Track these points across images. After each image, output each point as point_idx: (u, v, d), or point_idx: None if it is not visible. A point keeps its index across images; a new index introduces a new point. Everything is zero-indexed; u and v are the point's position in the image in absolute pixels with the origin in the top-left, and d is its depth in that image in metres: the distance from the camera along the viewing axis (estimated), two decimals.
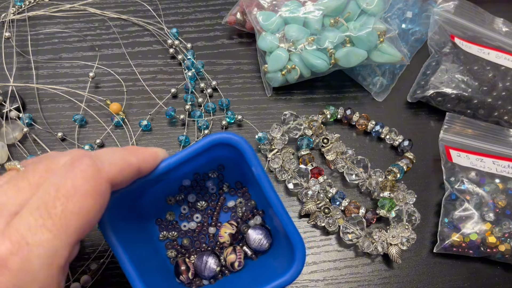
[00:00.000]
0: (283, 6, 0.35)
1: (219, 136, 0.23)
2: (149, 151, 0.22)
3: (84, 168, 0.18)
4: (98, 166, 0.19)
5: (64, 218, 0.17)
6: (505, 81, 0.38)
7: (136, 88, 0.37)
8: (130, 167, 0.21)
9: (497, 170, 0.35)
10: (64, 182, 0.18)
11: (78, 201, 0.18)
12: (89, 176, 0.18)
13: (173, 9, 0.41)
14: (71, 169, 0.18)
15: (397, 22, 0.41)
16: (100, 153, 0.20)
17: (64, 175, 0.18)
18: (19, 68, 0.37)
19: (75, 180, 0.18)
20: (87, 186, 0.18)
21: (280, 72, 0.36)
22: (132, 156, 0.21)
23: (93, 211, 0.18)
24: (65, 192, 0.17)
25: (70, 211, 0.17)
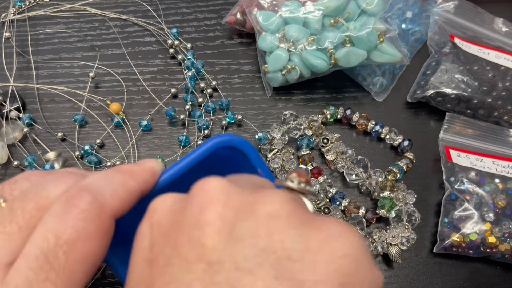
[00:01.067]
0: (283, 6, 0.35)
1: (221, 140, 0.21)
2: (146, 169, 0.20)
3: (86, 206, 0.16)
4: (100, 202, 0.16)
5: (68, 268, 0.15)
6: (505, 81, 0.38)
7: (136, 88, 0.37)
8: (132, 193, 0.18)
9: (497, 170, 0.35)
10: (64, 227, 0.15)
11: (82, 246, 0.15)
12: (92, 216, 0.16)
13: (173, 9, 0.41)
14: (70, 209, 0.16)
15: (397, 22, 0.41)
16: (97, 183, 0.17)
17: (62, 217, 0.15)
18: (19, 68, 0.37)
19: (77, 223, 0.15)
20: (91, 229, 0.16)
21: (280, 72, 0.36)
22: (131, 180, 0.18)
23: (99, 252, 0.16)
24: (67, 239, 0.15)
25: (74, 259, 0.15)
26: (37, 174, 0.19)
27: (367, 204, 0.35)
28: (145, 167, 0.20)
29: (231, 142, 0.22)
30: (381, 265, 0.33)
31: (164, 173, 0.21)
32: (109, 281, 0.31)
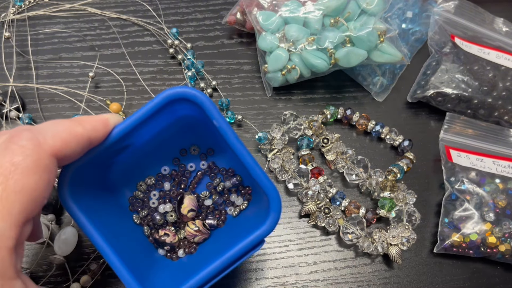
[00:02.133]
0: (283, 6, 0.35)
1: (173, 92, 0.21)
2: (97, 118, 0.21)
3: (23, 143, 0.17)
4: (39, 140, 0.18)
5: (5, 198, 0.16)
6: (505, 81, 0.38)
7: (136, 88, 0.37)
8: (77, 137, 0.19)
9: (497, 170, 0.35)
10: (1, 160, 0.16)
11: (19, 178, 0.16)
12: (28, 151, 0.17)
13: (173, 9, 0.41)
14: (9, 145, 0.17)
15: (397, 22, 0.41)
16: (41, 126, 0.19)
17: (1, 153, 0.17)
18: (19, 68, 0.37)
19: (14, 156, 0.17)
20: (27, 162, 0.17)
21: (280, 72, 0.36)
22: (78, 126, 0.20)
23: (38, 187, 0.17)
24: (3, 171, 0.16)
25: (11, 190, 0.16)
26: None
27: (367, 204, 0.35)
28: (97, 117, 0.21)
29: (183, 93, 0.22)
30: (382, 265, 0.33)
31: (118, 125, 0.22)
32: (109, 281, 0.31)
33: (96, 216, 0.22)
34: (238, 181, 0.29)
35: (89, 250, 0.31)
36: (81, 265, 0.30)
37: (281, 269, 0.32)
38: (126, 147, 0.24)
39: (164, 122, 0.24)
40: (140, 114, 0.22)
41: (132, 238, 0.27)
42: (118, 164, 0.26)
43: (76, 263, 0.31)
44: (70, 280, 0.30)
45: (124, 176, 0.28)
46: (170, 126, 0.25)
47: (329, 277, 0.32)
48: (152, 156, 0.28)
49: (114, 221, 0.25)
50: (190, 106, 0.22)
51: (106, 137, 0.21)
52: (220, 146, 0.29)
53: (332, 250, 0.33)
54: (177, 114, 0.23)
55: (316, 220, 0.33)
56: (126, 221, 0.28)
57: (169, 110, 0.22)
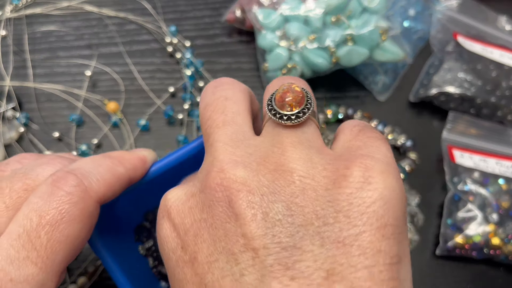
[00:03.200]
0: (284, 4, 0.35)
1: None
2: (137, 157, 0.20)
3: (70, 189, 0.16)
4: (85, 185, 0.17)
5: (50, 249, 0.15)
6: (509, 80, 0.37)
7: (134, 87, 0.37)
8: (120, 179, 0.19)
9: (500, 171, 0.34)
10: (47, 207, 0.16)
11: (64, 228, 0.16)
12: (76, 199, 0.16)
13: (172, 7, 0.41)
14: (55, 191, 0.16)
15: (400, 20, 0.40)
16: (84, 167, 0.18)
17: (47, 198, 0.16)
18: (16, 67, 0.37)
19: (61, 205, 0.16)
20: (74, 211, 0.16)
21: (280, 71, 0.35)
22: (119, 166, 0.19)
23: (81, 236, 0.17)
24: (50, 219, 0.16)
25: (56, 240, 0.16)
26: (29, 157, 0.20)
27: None
28: (135, 155, 0.20)
29: None
30: None
31: (156, 164, 0.21)
32: (107, 283, 0.30)
33: (113, 251, 0.22)
34: None
35: (86, 252, 0.31)
36: (79, 266, 0.30)
37: None
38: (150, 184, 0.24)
39: (190, 161, 0.23)
40: (178, 156, 0.21)
41: (138, 268, 0.26)
42: (130, 195, 0.26)
43: (74, 265, 0.30)
44: (68, 282, 0.29)
45: (134, 206, 0.27)
46: (189, 159, 0.25)
47: None
48: (166, 187, 0.28)
49: (124, 252, 0.25)
50: None
51: (143, 176, 0.21)
52: None
53: None
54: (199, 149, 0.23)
55: None
56: (132, 251, 0.27)
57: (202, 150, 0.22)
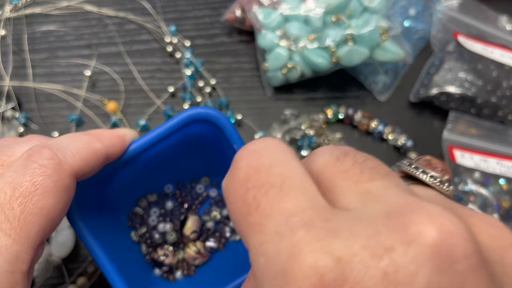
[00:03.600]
0: (284, 3, 0.35)
1: (195, 112, 0.21)
2: (116, 134, 0.20)
3: (44, 162, 0.16)
4: (59, 159, 0.17)
5: (23, 220, 0.15)
6: (510, 80, 0.37)
7: (134, 87, 0.37)
8: (96, 155, 0.19)
9: (501, 171, 0.34)
10: (21, 180, 0.16)
11: (38, 200, 0.16)
12: (50, 171, 0.16)
13: (171, 6, 0.41)
14: (29, 164, 0.16)
15: (400, 20, 0.40)
16: (60, 142, 0.18)
17: (21, 171, 0.16)
18: (15, 67, 0.37)
19: (34, 177, 0.16)
20: (48, 183, 0.16)
21: (280, 71, 0.35)
22: (97, 142, 0.19)
23: (56, 209, 0.17)
24: (23, 191, 0.16)
25: (30, 212, 0.16)
26: (10, 139, 0.20)
27: None
28: (114, 132, 0.20)
29: (206, 115, 0.21)
30: None
31: (135, 142, 0.21)
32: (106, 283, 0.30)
33: (98, 233, 0.22)
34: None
35: (86, 252, 0.31)
36: (78, 267, 0.30)
37: None
38: (132, 163, 0.24)
39: (172, 139, 0.23)
40: (158, 133, 0.21)
41: (130, 255, 0.26)
42: (119, 178, 0.26)
43: (73, 265, 0.30)
44: (67, 282, 0.29)
45: (124, 191, 0.27)
46: (179, 144, 0.24)
47: None
48: (156, 172, 0.27)
49: (113, 237, 0.25)
50: (206, 126, 0.22)
51: (122, 154, 0.21)
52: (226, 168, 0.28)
53: None
54: (188, 132, 0.22)
55: None
56: (124, 238, 0.27)
57: (183, 129, 0.22)
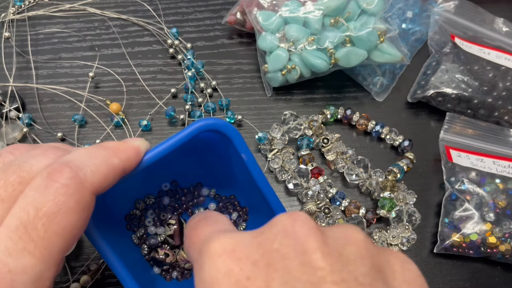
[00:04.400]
0: (283, 6, 0.35)
1: (206, 123, 0.22)
2: (131, 147, 0.20)
3: (66, 181, 0.16)
4: (80, 177, 0.17)
5: (47, 240, 0.16)
6: (506, 81, 0.38)
7: (136, 88, 0.37)
8: (115, 170, 0.19)
9: (497, 170, 0.35)
10: (44, 200, 0.16)
11: (61, 219, 0.16)
12: (71, 191, 0.16)
13: (173, 9, 0.41)
14: (51, 184, 0.16)
15: (397, 22, 0.41)
16: (79, 159, 0.18)
17: (43, 191, 0.16)
18: (19, 68, 0.37)
19: (57, 197, 0.16)
20: (70, 203, 0.16)
21: (280, 72, 0.36)
22: (114, 157, 0.19)
23: (78, 226, 0.17)
24: (46, 211, 0.16)
25: (53, 231, 0.16)
26: (22, 148, 0.20)
27: (368, 204, 0.35)
28: (130, 145, 0.20)
29: (216, 125, 0.22)
30: None
31: (148, 153, 0.21)
32: (109, 281, 0.31)
33: (109, 240, 0.22)
34: (243, 214, 0.29)
35: (89, 250, 0.31)
36: (81, 265, 0.30)
37: None
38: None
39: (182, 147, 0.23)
40: (170, 144, 0.21)
41: (132, 256, 0.27)
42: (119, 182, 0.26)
43: (76, 263, 0.30)
44: (70, 280, 0.30)
45: (123, 194, 0.28)
46: (182, 149, 0.25)
47: None
48: (155, 176, 0.28)
49: (116, 240, 0.25)
50: (216, 134, 0.22)
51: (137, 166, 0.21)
52: (227, 173, 0.28)
53: None
54: (195, 140, 0.23)
55: (316, 220, 0.33)
56: (124, 240, 0.28)
57: (193, 138, 0.22)
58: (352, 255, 0.15)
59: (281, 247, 0.15)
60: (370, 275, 0.14)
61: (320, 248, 0.15)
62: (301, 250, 0.15)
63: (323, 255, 0.15)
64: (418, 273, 0.16)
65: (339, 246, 0.15)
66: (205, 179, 0.30)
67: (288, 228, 0.16)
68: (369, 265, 0.15)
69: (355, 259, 0.15)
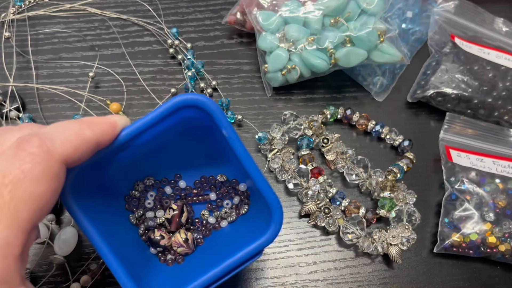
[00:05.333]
0: (283, 6, 0.35)
1: (183, 98, 0.21)
2: (107, 121, 0.20)
3: (33, 150, 0.17)
4: (48, 146, 0.17)
5: (13, 207, 0.16)
6: (505, 81, 0.38)
7: (136, 88, 0.37)
8: (86, 142, 0.19)
9: (497, 170, 0.35)
10: (10, 167, 0.16)
11: (27, 187, 0.16)
12: (38, 159, 0.17)
13: (173, 9, 0.41)
14: (18, 152, 0.17)
15: (397, 22, 0.41)
16: (50, 130, 0.18)
17: (10, 159, 0.17)
18: (19, 68, 0.37)
19: (23, 164, 0.16)
20: (36, 170, 0.17)
21: (280, 72, 0.36)
22: (87, 130, 0.19)
23: (46, 195, 0.17)
24: (12, 178, 0.16)
25: (19, 198, 0.16)
26: (4, 128, 0.20)
27: (367, 204, 0.35)
28: (105, 119, 0.20)
29: (194, 101, 0.22)
30: (381, 265, 0.33)
31: (127, 128, 0.21)
32: (109, 281, 0.31)
33: (96, 217, 0.22)
34: (244, 197, 0.29)
35: (89, 250, 0.31)
36: (81, 265, 0.30)
37: (281, 269, 0.32)
38: (125, 148, 0.24)
39: (166, 124, 0.23)
40: (149, 119, 0.21)
41: (127, 236, 0.27)
42: (115, 162, 0.26)
43: (76, 263, 0.31)
44: (70, 280, 0.30)
45: (121, 174, 0.28)
46: (172, 128, 0.25)
47: (329, 277, 0.32)
48: (152, 156, 0.28)
49: (111, 220, 0.25)
50: (197, 111, 0.22)
51: (113, 140, 0.21)
52: (221, 152, 0.29)
53: (332, 250, 0.33)
54: (180, 117, 0.23)
55: (316, 220, 0.33)
56: (122, 220, 0.28)
57: (175, 114, 0.22)
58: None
59: None
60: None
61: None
62: None
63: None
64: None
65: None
66: (203, 160, 0.30)
67: None
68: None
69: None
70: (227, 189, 0.30)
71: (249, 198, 0.30)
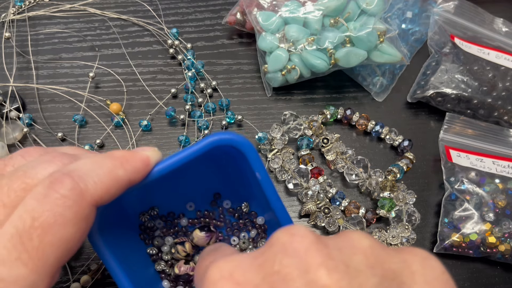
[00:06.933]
0: (283, 6, 0.35)
1: (221, 138, 0.21)
2: (139, 158, 0.19)
3: (65, 192, 0.16)
4: (81, 189, 0.16)
5: (41, 251, 0.15)
6: (505, 81, 0.38)
7: (136, 88, 0.37)
8: (119, 182, 0.18)
9: (497, 170, 0.35)
10: (41, 209, 0.16)
11: (57, 231, 0.16)
12: (70, 202, 0.16)
13: (173, 9, 0.41)
14: (50, 193, 0.16)
15: (397, 22, 0.41)
16: (82, 169, 0.17)
17: (41, 200, 0.16)
18: (19, 68, 0.37)
19: (54, 207, 0.16)
20: (68, 214, 0.16)
21: (280, 72, 0.36)
22: (120, 169, 0.18)
23: (75, 238, 0.16)
24: (43, 222, 0.15)
25: (48, 243, 0.16)
26: (34, 153, 0.19)
27: (367, 204, 0.35)
28: (138, 156, 0.20)
29: (231, 141, 0.21)
30: None
31: (159, 164, 0.21)
32: (109, 281, 0.31)
33: (119, 253, 0.21)
34: (262, 231, 0.29)
35: (89, 250, 0.31)
36: (81, 265, 0.30)
37: None
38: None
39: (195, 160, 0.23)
40: (183, 156, 0.21)
41: (140, 265, 0.26)
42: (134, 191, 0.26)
43: (76, 263, 0.31)
44: (70, 280, 0.30)
45: (138, 202, 0.27)
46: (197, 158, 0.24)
47: None
48: (168, 185, 0.27)
49: (129, 252, 0.25)
50: (229, 149, 0.22)
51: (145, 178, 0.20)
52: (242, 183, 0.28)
53: None
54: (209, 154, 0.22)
55: (316, 220, 0.33)
56: (135, 247, 0.27)
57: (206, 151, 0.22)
58: (360, 265, 0.14)
59: (282, 268, 0.14)
60: (383, 284, 0.14)
61: (324, 263, 0.14)
62: (304, 268, 0.14)
63: (328, 271, 0.13)
64: (441, 270, 0.15)
65: (344, 257, 0.14)
66: (222, 191, 0.29)
67: (287, 245, 0.15)
68: (380, 274, 0.14)
69: (364, 269, 0.14)
70: (244, 222, 0.29)
71: (266, 232, 0.29)
